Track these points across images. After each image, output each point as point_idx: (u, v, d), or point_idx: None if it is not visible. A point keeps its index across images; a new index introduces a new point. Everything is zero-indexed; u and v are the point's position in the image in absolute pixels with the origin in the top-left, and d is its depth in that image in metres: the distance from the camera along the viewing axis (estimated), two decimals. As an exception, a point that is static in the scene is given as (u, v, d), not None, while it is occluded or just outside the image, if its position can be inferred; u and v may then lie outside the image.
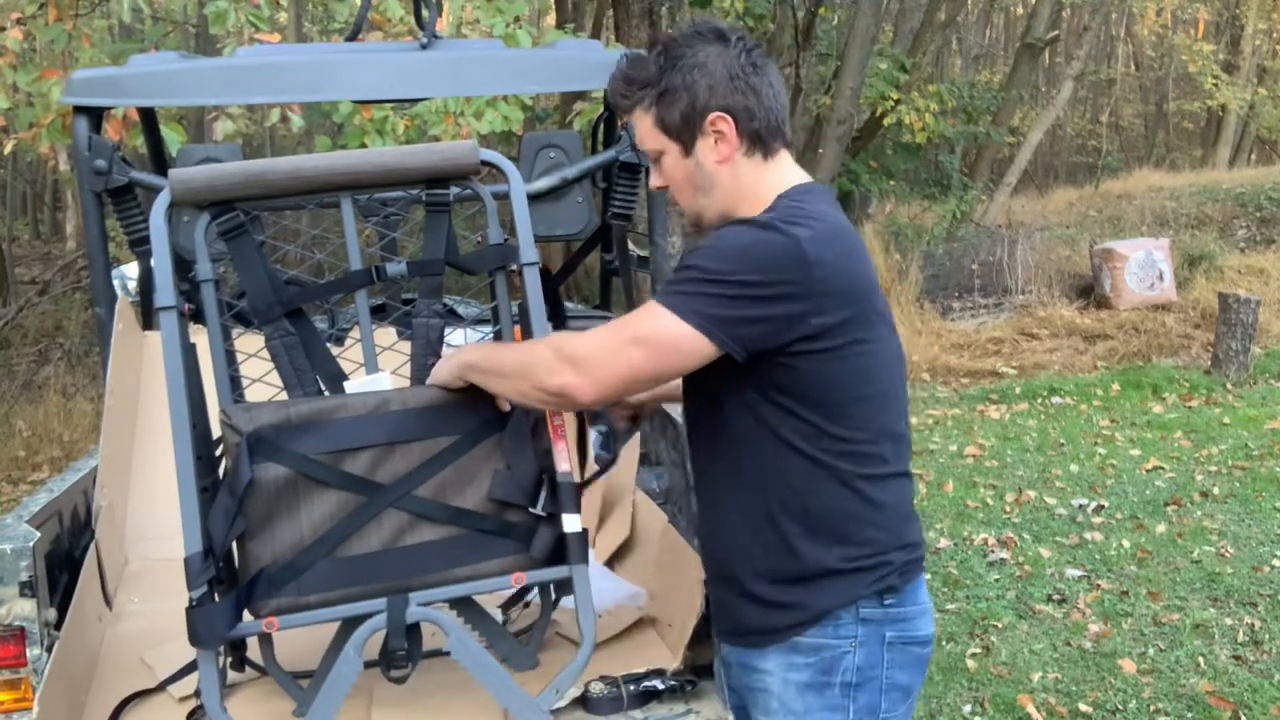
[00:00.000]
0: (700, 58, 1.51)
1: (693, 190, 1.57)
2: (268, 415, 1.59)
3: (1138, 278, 9.42)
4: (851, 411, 1.49)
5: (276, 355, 1.71)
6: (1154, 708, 3.32)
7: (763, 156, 1.55)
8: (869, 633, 1.53)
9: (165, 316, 1.58)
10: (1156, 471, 5.67)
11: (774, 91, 1.55)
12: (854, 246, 1.50)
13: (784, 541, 1.52)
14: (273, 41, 4.83)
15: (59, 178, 10.94)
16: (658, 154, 1.58)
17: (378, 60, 2.51)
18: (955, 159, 12.74)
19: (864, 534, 1.53)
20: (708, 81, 1.51)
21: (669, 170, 1.58)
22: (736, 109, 1.52)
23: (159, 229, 1.59)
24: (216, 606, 1.53)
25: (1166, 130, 21.49)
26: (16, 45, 5.02)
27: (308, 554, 1.56)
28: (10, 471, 6.62)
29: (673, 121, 1.53)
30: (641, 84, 1.54)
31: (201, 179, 1.62)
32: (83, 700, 1.91)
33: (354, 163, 1.67)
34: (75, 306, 9.76)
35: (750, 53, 1.53)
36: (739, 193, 1.55)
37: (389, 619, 1.60)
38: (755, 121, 1.53)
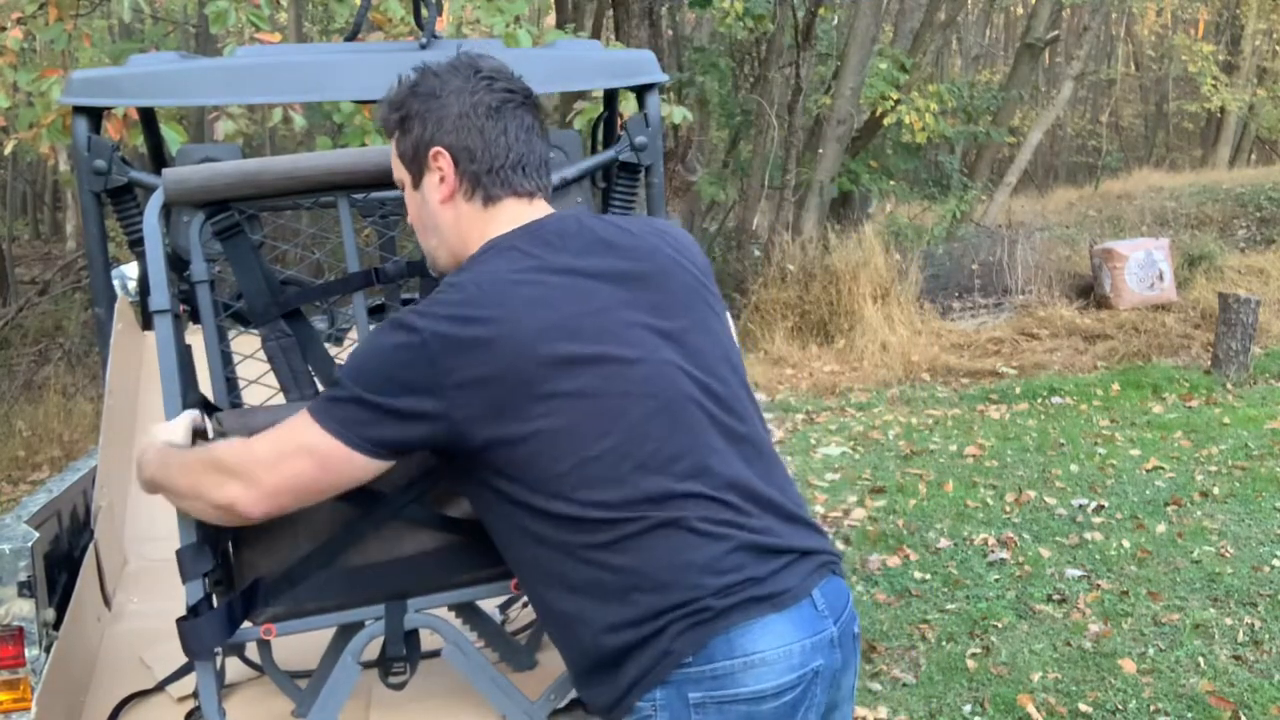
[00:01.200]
0: (439, 89, 1.45)
1: (422, 227, 1.52)
2: (261, 421, 1.56)
3: (1138, 278, 9.42)
4: (568, 481, 1.34)
5: (273, 357, 1.69)
6: (1154, 708, 3.32)
7: (482, 203, 1.47)
8: (668, 695, 1.34)
9: (160, 320, 1.57)
10: (1156, 471, 5.67)
11: (510, 139, 1.46)
12: (528, 297, 1.36)
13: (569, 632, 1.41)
14: (273, 41, 4.84)
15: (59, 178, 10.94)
16: (400, 184, 1.53)
17: (378, 60, 2.51)
18: (955, 159, 12.74)
19: (627, 605, 1.34)
20: (438, 115, 1.45)
21: (408, 203, 1.53)
22: (456, 148, 1.45)
23: (153, 230, 1.58)
24: (209, 618, 1.50)
25: (1166, 130, 21.49)
26: (16, 45, 5.01)
27: (305, 564, 1.54)
28: (10, 471, 6.62)
29: (405, 151, 1.49)
30: (393, 107, 1.49)
31: (196, 179, 1.61)
32: (81, 700, 1.91)
33: (350, 162, 1.66)
34: (75, 306, 9.76)
35: (494, 95, 1.46)
36: (459, 238, 1.48)
37: (387, 626, 1.58)
38: (475, 164, 1.45)
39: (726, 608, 1.33)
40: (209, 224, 1.65)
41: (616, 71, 2.73)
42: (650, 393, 1.37)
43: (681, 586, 1.33)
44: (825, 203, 10.37)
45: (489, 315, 1.34)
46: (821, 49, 11.58)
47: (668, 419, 1.37)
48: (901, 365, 8.42)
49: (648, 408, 1.36)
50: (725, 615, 1.32)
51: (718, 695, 1.33)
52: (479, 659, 1.64)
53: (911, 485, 5.59)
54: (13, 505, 2.91)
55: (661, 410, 1.37)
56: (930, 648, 3.76)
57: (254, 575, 1.53)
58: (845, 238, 9.69)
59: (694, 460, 1.37)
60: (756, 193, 10.35)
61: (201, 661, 1.52)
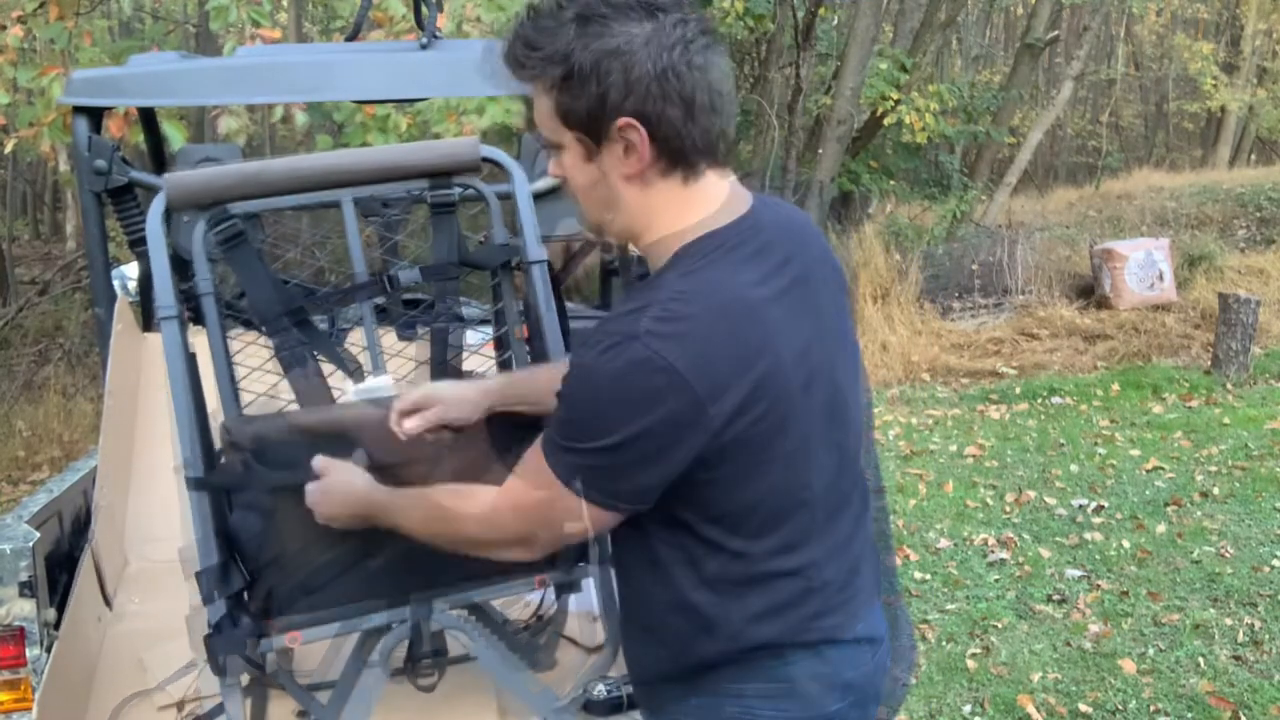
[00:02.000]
0: (622, 41, 1.15)
1: (594, 201, 1.26)
2: (273, 428, 1.54)
3: (1138, 278, 9.42)
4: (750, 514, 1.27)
5: (287, 366, 1.67)
6: (1154, 708, 3.32)
7: (681, 179, 1.23)
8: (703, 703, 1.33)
9: (166, 325, 1.55)
10: (1156, 472, 5.67)
11: (713, 98, 1.20)
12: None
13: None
14: (274, 38, 4.83)
15: (59, 178, 10.93)
16: (554, 144, 1.25)
17: (378, 60, 2.51)
18: (955, 159, 12.75)
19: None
20: (626, 75, 1.15)
21: (570, 169, 1.25)
22: (653, 117, 1.17)
23: (155, 233, 1.56)
24: (235, 633, 1.48)
25: (1166, 130, 21.49)
26: (17, 43, 5.01)
27: (320, 572, 1.52)
28: (10, 471, 6.61)
29: (576, 117, 1.20)
30: (546, 56, 1.18)
31: (197, 181, 1.59)
32: (83, 701, 1.91)
33: (353, 161, 1.65)
34: (75, 306, 9.75)
35: (690, 42, 1.17)
36: (648, 217, 1.24)
37: (413, 628, 1.57)
38: (677, 136, 1.19)
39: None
40: (211, 233, 1.63)
41: (617, 71, 2.73)
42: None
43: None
44: (825, 203, 10.37)
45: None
46: (821, 49, 11.58)
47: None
48: (901, 365, 8.42)
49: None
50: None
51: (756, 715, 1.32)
52: (509, 657, 1.63)
53: (911, 485, 5.59)
54: (13, 505, 2.91)
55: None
56: (930, 648, 3.76)
57: (270, 584, 1.51)
58: (845, 238, 9.70)
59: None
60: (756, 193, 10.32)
61: (229, 678, 1.50)
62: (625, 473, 1.18)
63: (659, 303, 1.17)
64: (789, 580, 1.28)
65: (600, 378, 1.16)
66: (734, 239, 1.23)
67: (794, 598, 1.28)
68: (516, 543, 1.31)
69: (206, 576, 1.47)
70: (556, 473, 1.21)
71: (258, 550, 1.50)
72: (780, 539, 1.26)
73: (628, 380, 1.14)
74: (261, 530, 1.49)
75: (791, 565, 1.27)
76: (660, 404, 1.14)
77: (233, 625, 1.49)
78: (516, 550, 1.31)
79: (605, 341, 1.16)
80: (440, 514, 1.36)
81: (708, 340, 1.15)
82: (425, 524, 1.38)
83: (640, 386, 1.14)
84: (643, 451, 1.16)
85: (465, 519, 1.34)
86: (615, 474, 1.19)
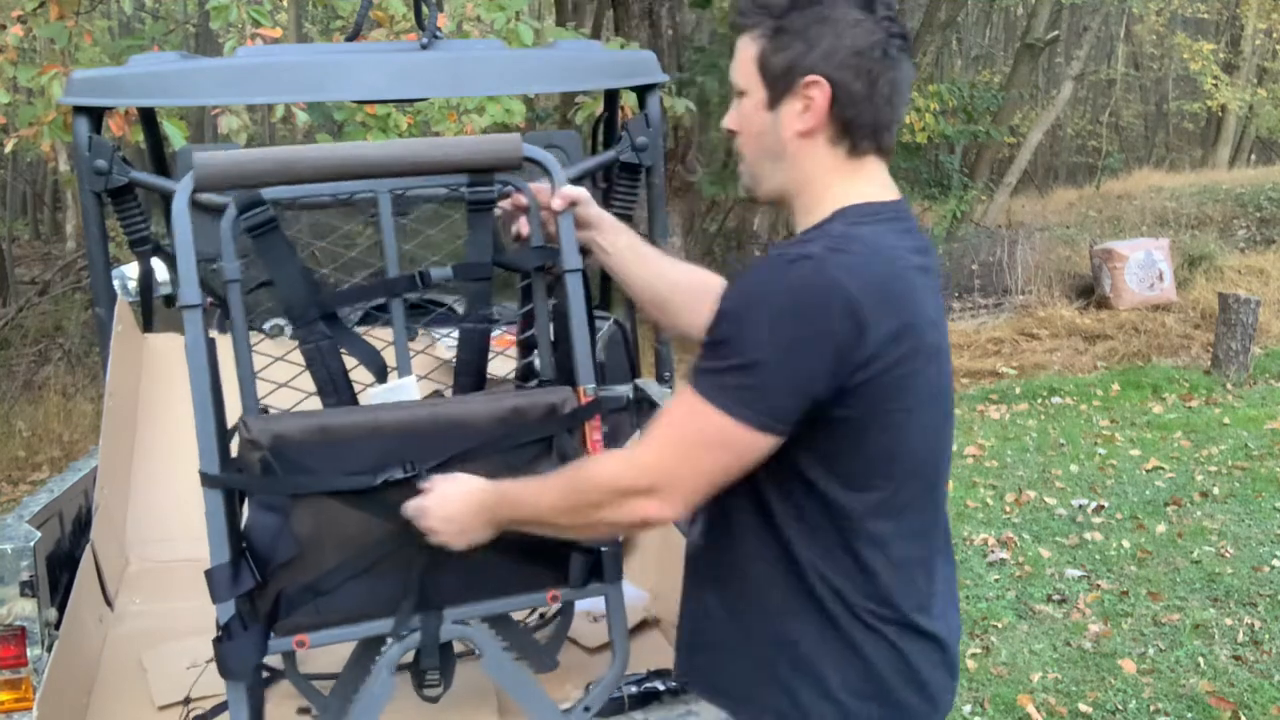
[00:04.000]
0: (837, 15, 1.28)
1: (758, 150, 1.36)
2: (294, 428, 1.48)
3: (1138, 278, 9.42)
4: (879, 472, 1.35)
5: (311, 360, 1.62)
6: (1154, 708, 3.32)
7: (846, 153, 1.32)
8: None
9: (189, 315, 1.47)
10: (1156, 471, 5.67)
11: (891, 92, 1.31)
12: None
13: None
14: (274, 37, 4.83)
15: (59, 178, 10.94)
16: (740, 91, 1.36)
17: (378, 60, 2.51)
18: (955, 159, 12.75)
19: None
20: (829, 42, 1.28)
21: (746, 114, 1.36)
22: (839, 85, 1.28)
23: (181, 217, 1.48)
24: (245, 637, 1.45)
25: (1166, 130, 21.50)
26: (17, 41, 5.01)
27: (331, 576, 1.49)
28: (10, 471, 6.61)
29: (773, 66, 1.31)
30: (764, 8, 1.32)
31: (228, 163, 1.50)
32: (84, 701, 1.91)
33: (391, 152, 1.56)
34: (75, 306, 9.75)
35: (890, 38, 1.30)
36: (806, 180, 1.33)
37: (423, 637, 1.54)
38: (854, 110, 1.29)
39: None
40: (241, 219, 1.56)
41: (617, 72, 2.73)
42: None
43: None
44: (825, 202, 10.34)
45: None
46: (822, 49, 11.54)
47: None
48: (901, 365, 8.42)
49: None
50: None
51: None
52: (518, 670, 1.61)
53: (911, 485, 5.59)
54: (13, 505, 2.91)
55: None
56: (930, 648, 3.77)
57: (279, 587, 1.48)
58: (845, 237, 9.67)
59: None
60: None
61: (236, 682, 1.47)
62: (779, 390, 1.21)
63: (829, 237, 1.27)
64: (881, 546, 1.32)
65: (771, 290, 1.22)
66: (888, 214, 1.33)
67: (883, 565, 1.32)
68: (656, 489, 1.27)
69: (217, 575, 1.44)
70: (707, 397, 1.23)
71: (270, 551, 1.46)
72: (881, 499, 1.30)
73: (799, 293, 1.21)
74: (276, 531, 1.46)
75: (886, 531, 1.31)
76: (827, 318, 1.20)
77: (242, 627, 1.46)
78: (653, 503, 1.27)
79: (775, 262, 1.24)
80: (574, 482, 1.35)
81: (872, 274, 1.23)
82: (563, 496, 1.36)
83: (810, 300, 1.20)
84: (798, 368, 1.21)
85: (603, 473, 1.34)
86: (769, 391, 1.21)
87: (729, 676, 1.39)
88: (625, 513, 1.30)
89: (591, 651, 2.06)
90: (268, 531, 1.46)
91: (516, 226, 1.67)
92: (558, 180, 1.61)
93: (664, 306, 1.65)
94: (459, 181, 1.66)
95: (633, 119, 2.71)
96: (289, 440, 1.47)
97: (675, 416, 1.29)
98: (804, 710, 1.33)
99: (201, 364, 1.46)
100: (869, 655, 1.32)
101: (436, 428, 1.52)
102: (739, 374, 1.22)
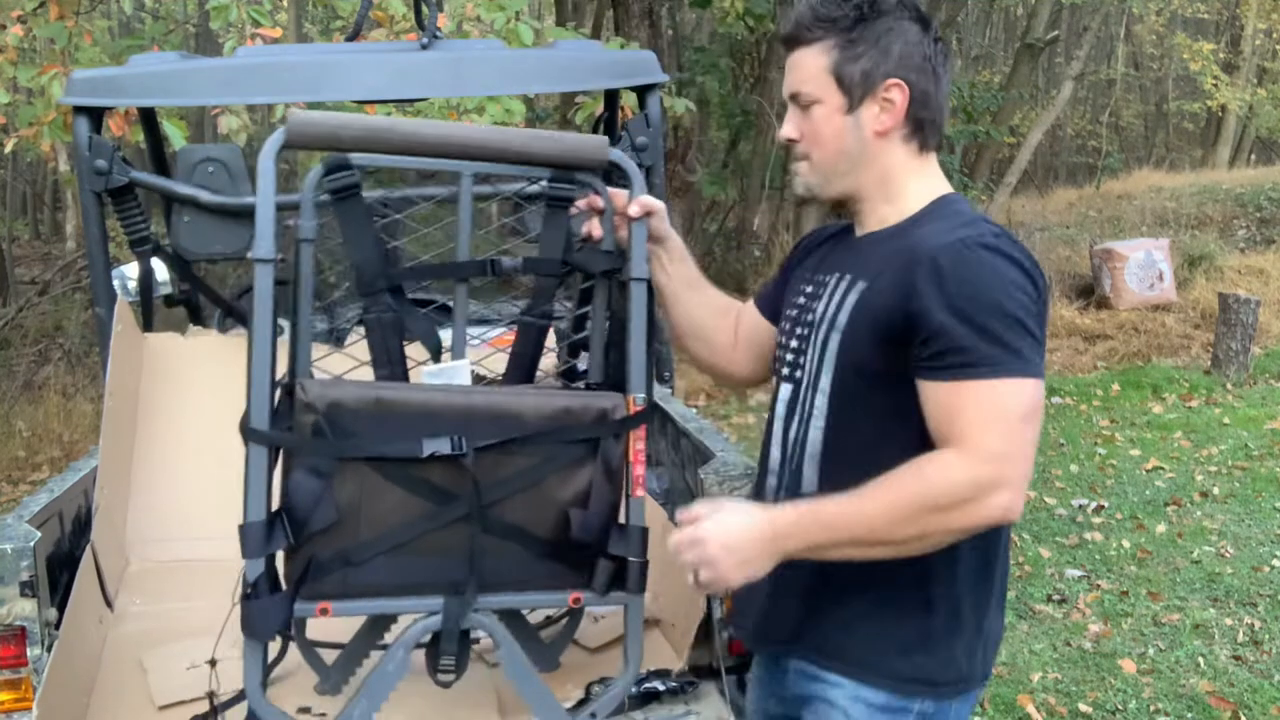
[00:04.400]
0: (901, 27, 1.45)
1: (836, 153, 1.48)
2: (350, 396, 1.49)
3: (1138, 278, 9.41)
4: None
5: (371, 330, 1.62)
6: (1154, 708, 3.32)
7: (918, 148, 1.48)
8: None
9: (261, 268, 1.48)
10: (1156, 471, 5.67)
11: (945, 96, 1.50)
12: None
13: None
14: (274, 37, 4.83)
15: (59, 178, 10.94)
16: (811, 101, 1.47)
17: (378, 60, 2.51)
18: (955, 159, 12.73)
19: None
20: (901, 49, 1.44)
21: (819, 122, 1.47)
22: (915, 85, 1.44)
23: (268, 172, 1.48)
24: (273, 600, 1.46)
25: (1166, 130, 21.49)
26: (17, 41, 5.01)
27: (363, 548, 1.49)
28: (10, 471, 6.61)
29: (850, 74, 1.44)
30: (831, 22, 1.45)
31: (321, 123, 1.51)
32: (84, 701, 1.91)
33: (481, 136, 1.58)
34: (75, 306, 9.75)
35: (942, 52, 1.49)
36: (884, 175, 1.48)
37: (444, 621, 1.54)
38: (925, 110, 1.46)
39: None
40: (326, 180, 1.56)
41: (617, 72, 2.73)
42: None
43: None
44: (825, 202, 10.35)
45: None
46: (822, 49, 11.54)
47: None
48: (901, 365, 8.42)
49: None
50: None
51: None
52: (530, 669, 1.61)
53: (911, 485, 5.59)
54: (13, 505, 2.91)
55: None
56: (930, 648, 3.77)
57: (310, 553, 1.48)
58: (845, 237, 9.67)
59: None
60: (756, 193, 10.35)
61: (256, 642, 1.48)
62: (1041, 346, 1.35)
63: (978, 221, 1.42)
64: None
65: (1000, 269, 1.34)
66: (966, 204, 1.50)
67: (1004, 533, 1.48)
68: (1006, 479, 1.29)
69: (251, 531, 1.44)
70: (1013, 373, 1.31)
71: (310, 515, 1.46)
72: None
73: (1019, 267, 1.35)
74: (318, 496, 1.46)
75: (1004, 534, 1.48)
76: (1036, 285, 1.36)
77: (270, 589, 1.47)
78: (1006, 494, 1.29)
79: (979, 248, 1.35)
80: (908, 488, 1.31)
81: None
82: (892, 506, 1.31)
83: (1028, 272, 1.36)
84: (1041, 329, 1.36)
85: (950, 473, 1.30)
86: (1040, 350, 1.35)
87: (856, 643, 1.46)
88: (978, 512, 1.29)
89: (592, 651, 2.07)
90: (310, 496, 1.45)
91: (588, 227, 1.68)
92: (637, 187, 1.62)
93: (699, 335, 1.73)
94: (540, 175, 1.64)
95: (633, 119, 2.71)
96: (343, 407, 1.47)
97: (989, 407, 1.30)
98: (928, 674, 1.43)
99: (267, 317, 1.47)
100: (981, 621, 1.47)
101: (489, 416, 1.52)
102: (1031, 343, 1.32)
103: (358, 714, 1.53)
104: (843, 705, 1.46)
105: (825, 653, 1.48)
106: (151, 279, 2.88)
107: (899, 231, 1.47)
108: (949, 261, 1.34)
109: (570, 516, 1.55)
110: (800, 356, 1.53)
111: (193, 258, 2.78)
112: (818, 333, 1.49)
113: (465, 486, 1.50)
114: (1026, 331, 1.32)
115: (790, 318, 1.60)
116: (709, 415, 6.65)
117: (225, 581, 1.62)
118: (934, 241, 1.37)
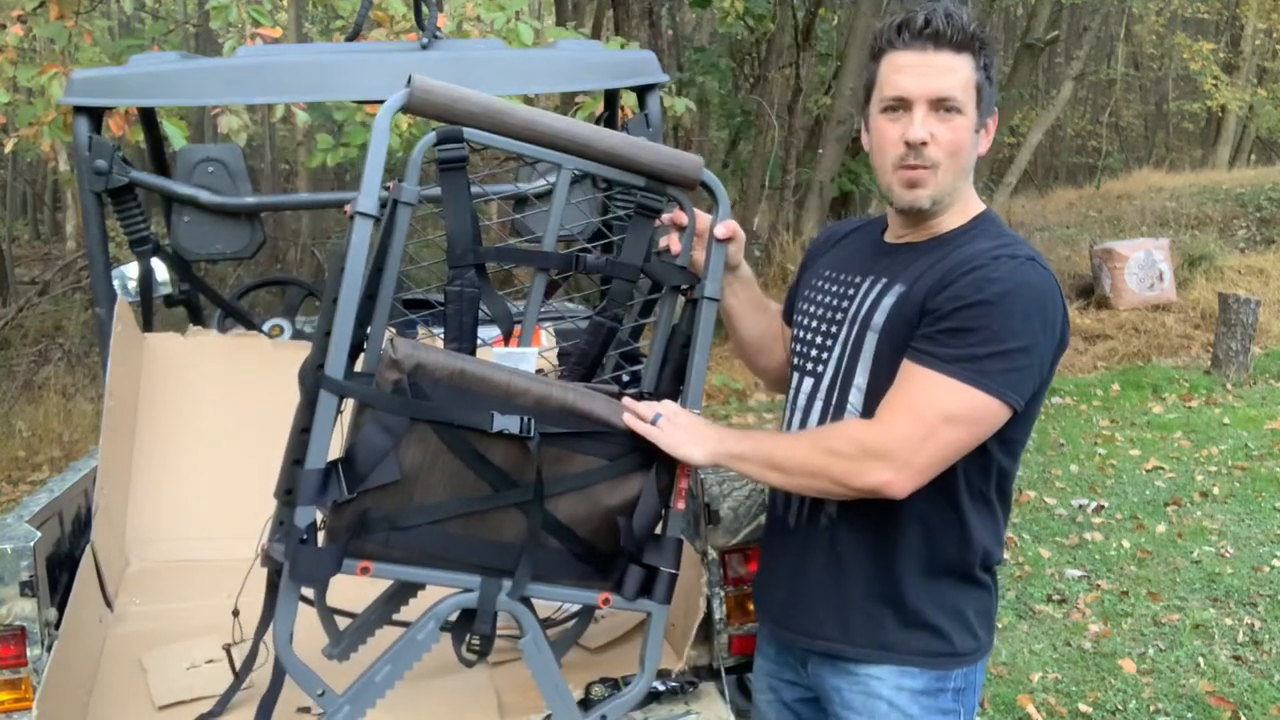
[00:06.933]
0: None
1: (962, 166, 1.54)
2: (437, 362, 1.51)
3: (1138, 278, 9.42)
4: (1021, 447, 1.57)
5: (450, 300, 1.64)
6: (1154, 708, 3.32)
7: (973, 169, 1.59)
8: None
9: (360, 222, 1.52)
10: (1156, 471, 5.67)
11: None
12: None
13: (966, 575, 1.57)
14: (274, 36, 4.83)
15: (59, 178, 10.94)
16: (958, 108, 1.51)
17: (378, 60, 2.51)
18: (955, 159, 12.71)
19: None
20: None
21: (961, 132, 1.51)
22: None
23: (382, 131, 1.53)
24: (326, 550, 1.48)
25: (1166, 130, 21.49)
26: (17, 41, 5.02)
27: (412, 513, 1.51)
28: (10, 471, 6.61)
29: (987, 95, 1.53)
30: (980, 43, 1.52)
31: (443, 94, 1.56)
32: (84, 701, 1.91)
33: (588, 134, 1.63)
34: (75, 306, 9.75)
35: None
36: (966, 188, 1.57)
37: (480, 599, 1.56)
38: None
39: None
40: (437, 149, 1.58)
41: (617, 72, 2.73)
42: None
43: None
44: (825, 203, 10.37)
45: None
46: (821, 49, 11.58)
47: None
48: (901, 365, 8.43)
49: None
50: None
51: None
52: (551, 662, 1.62)
53: (911, 485, 5.59)
54: (13, 505, 2.91)
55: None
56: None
57: (363, 508, 1.49)
58: (845, 238, 9.67)
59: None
60: (756, 193, 10.35)
61: (293, 589, 1.50)
62: (1030, 371, 1.43)
63: (1017, 240, 1.52)
64: (1005, 506, 1.59)
65: (1017, 286, 1.42)
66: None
67: (1002, 522, 1.59)
68: (892, 456, 1.41)
69: (308, 479, 1.46)
70: (961, 378, 1.40)
71: (372, 471, 1.48)
72: (1017, 463, 1.57)
73: (1039, 291, 1.44)
74: (383, 453, 1.48)
75: (1008, 490, 1.58)
76: (1055, 311, 1.45)
77: (317, 539, 1.49)
78: (887, 471, 1.41)
79: (1007, 263, 1.44)
80: (824, 430, 1.53)
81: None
82: (804, 439, 1.51)
83: (1048, 297, 1.44)
84: (1043, 354, 1.44)
85: (851, 427, 1.49)
86: (1025, 373, 1.42)
87: (887, 631, 1.54)
88: (858, 474, 1.43)
89: (593, 651, 2.07)
90: (377, 451, 1.47)
91: (667, 241, 1.72)
92: (723, 209, 1.67)
93: (761, 348, 1.84)
94: (634, 184, 1.68)
95: (633, 119, 2.71)
96: (427, 371, 1.49)
97: (917, 394, 1.43)
98: (954, 646, 1.54)
99: (359, 269, 1.49)
100: (988, 596, 1.59)
101: (560, 410, 1.55)
102: (999, 359, 1.40)
103: (380, 679, 1.55)
104: (886, 695, 1.54)
105: (857, 643, 1.56)
106: (151, 279, 2.88)
107: (944, 242, 1.54)
108: (975, 265, 1.45)
109: (619, 525, 1.57)
110: (823, 352, 1.60)
111: (193, 258, 2.79)
112: (849, 331, 1.56)
113: (526, 474, 1.53)
114: (1003, 355, 1.40)
115: (810, 314, 1.66)
116: (709, 415, 6.65)
117: (225, 581, 1.62)
118: (976, 255, 1.48)
